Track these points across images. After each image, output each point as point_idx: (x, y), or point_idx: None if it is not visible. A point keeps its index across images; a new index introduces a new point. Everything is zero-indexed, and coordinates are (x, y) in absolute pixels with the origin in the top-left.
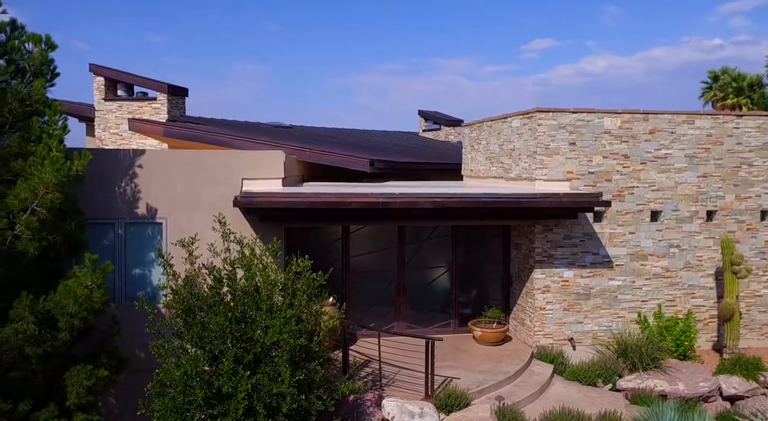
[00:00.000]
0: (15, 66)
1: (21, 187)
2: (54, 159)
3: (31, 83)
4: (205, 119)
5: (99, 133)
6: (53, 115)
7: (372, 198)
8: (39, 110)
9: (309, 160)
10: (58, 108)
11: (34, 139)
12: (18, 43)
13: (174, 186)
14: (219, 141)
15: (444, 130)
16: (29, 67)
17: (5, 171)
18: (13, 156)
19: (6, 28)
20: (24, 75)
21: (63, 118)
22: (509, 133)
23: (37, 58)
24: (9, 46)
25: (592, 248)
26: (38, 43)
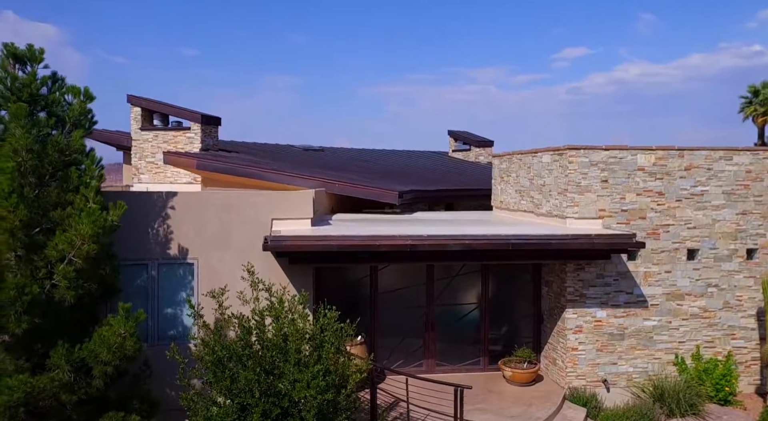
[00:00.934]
0: (55, 118)
1: (59, 238)
2: (91, 211)
3: (71, 134)
4: (237, 143)
5: (135, 162)
6: (91, 165)
7: (400, 240)
8: (77, 160)
9: (338, 192)
10: (96, 158)
11: (72, 188)
12: (58, 96)
13: (205, 227)
14: (250, 173)
15: (474, 151)
16: (69, 118)
17: (45, 220)
18: (53, 205)
19: (48, 81)
20: (63, 126)
21: (100, 167)
22: (539, 168)
23: (76, 110)
24: (50, 98)
25: (625, 287)
26: (77, 95)
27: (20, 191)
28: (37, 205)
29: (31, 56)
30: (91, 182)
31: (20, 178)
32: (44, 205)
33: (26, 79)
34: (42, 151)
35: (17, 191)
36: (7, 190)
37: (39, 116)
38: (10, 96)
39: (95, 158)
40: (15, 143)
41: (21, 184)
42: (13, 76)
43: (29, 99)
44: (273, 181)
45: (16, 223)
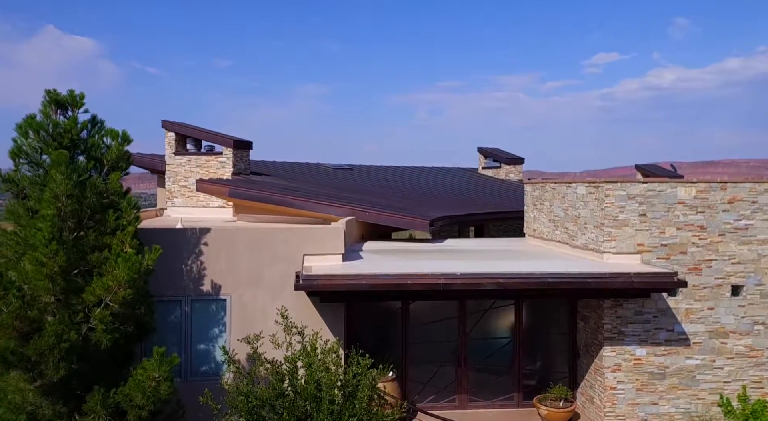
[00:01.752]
0: (94, 161)
1: (97, 283)
2: (127, 256)
3: (108, 176)
4: (268, 164)
5: (169, 186)
6: (127, 207)
7: (432, 279)
8: (114, 201)
9: (369, 221)
10: (132, 200)
11: (109, 231)
12: (97, 139)
13: (238, 263)
14: (281, 201)
15: (504, 169)
16: (107, 161)
17: (83, 263)
18: (90, 248)
19: (87, 125)
20: (101, 168)
21: (136, 209)
22: (574, 200)
23: (114, 153)
24: (90, 142)
25: (666, 325)
26: (115, 137)
27: (59, 236)
28: (75, 248)
29: (72, 101)
30: (128, 227)
31: (60, 223)
32: (82, 248)
33: (67, 124)
34: (81, 195)
35: (56, 237)
36: (48, 237)
37: (78, 160)
38: (51, 142)
39: (131, 200)
40: (56, 189)
41: (60, 229)
42: (54, 122)
43: (70, 144)
44: (304, 209)
45: (55, 269)
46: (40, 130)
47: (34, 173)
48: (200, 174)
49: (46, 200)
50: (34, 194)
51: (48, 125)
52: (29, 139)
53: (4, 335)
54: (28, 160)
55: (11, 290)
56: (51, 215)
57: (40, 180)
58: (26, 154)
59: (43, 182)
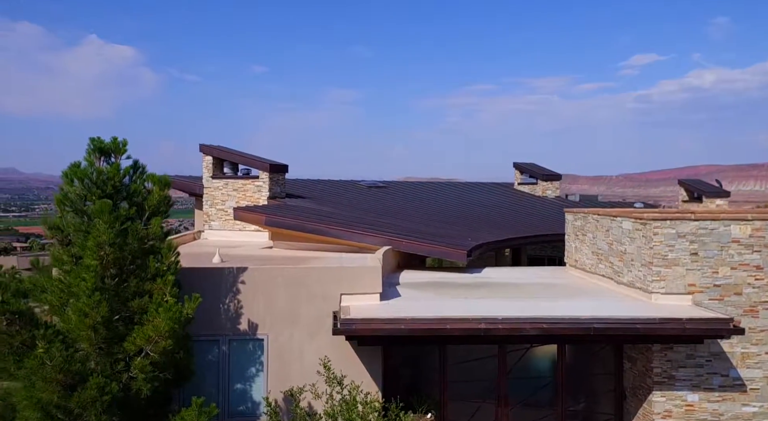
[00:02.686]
0: (135, 207)
1: (138, 333)
2: (167, 307)
3: (149, 221)
4: (303, 183)
5: (207, 209)
6: (167, 253)
7: (473, 324)
8: (155, 246)
9: (406, 251)
10: (172, 245)
11: (150, 277)
12: (138, 184)
13: (275, 302)
14: (317, 230)
15: (541, 185)
16: (148, 207)
17: (124, 309)
18: (132, 295)
19: (129, 171)
20: (142, 213)
21: (176, 254)
22: (619, 234)
23: (155, 198)
24: (132, 188)
25: (720, 369)
26: (156, 183)
27: (102, 284)
28: (116, 295)
29: (115, 148)
30: (168, 274)
31: (102, 271)
32: (124, 294)
33: (110, 171)
34: (123, 242)
35: (99, 286)
36: (91, 287)
37: (121, 206)
38: (95, 189)
39: (172, 245)
40: (99, 238)
41: (103, 277)
42: (98, 170)
43: (112, 191)
44: (339, 237)
45: (98, 319)
46: (84, 178)
47: (79, 220)
48: (237, 198)
49: (89, 248)
50: (79, 241)
51: (92, 173)
52: (74, 186)
53: (48, 388)
54: (73, 208)
55: (55, 343)
56: (95, 265)
57: (84, 227)
58: (71, 201)
59: (87, 229)
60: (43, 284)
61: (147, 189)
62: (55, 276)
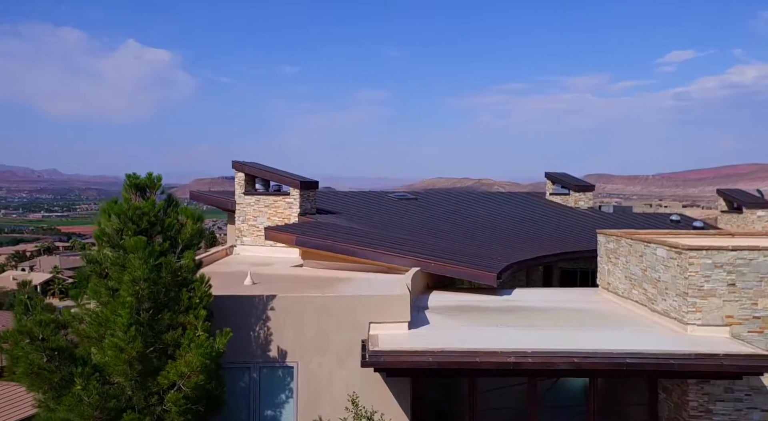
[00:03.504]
0: (169, 241)
1: (171, 368)
2: (199, 342)
3: (182, 253)
4: (332, 197)
5: (239, 224)
6: (200, 286)
7: (502, 357)
8: (188, 279)
9: (435, 272)
10: (204, 277)
11: (183, 310)
12: (172, 218)
13: (304, 330)
14: (346, 250)
15: (573, 196)
16: (181, 240)
17: (158, 342)
18: (165, 327)
19: (164, 206)
20: (176, 246)
21: (207, 286)
22: (653, 261)
23: (188, 232)
24: (166, 223)
25: (760, 404)
26: (189, 217)
27: (137, 317)
28: (151, 328)
29: (150, 184)
30: (200, 308)
31: (137, 304)
32: (158, 327)
33: (145, 206)
34: (157, 276)
35: (134, 320)
36: (127, 323)
37: (155, 241)
38: (131, 225)
39: (204, 278)
40: (134, 273)
41: (138, 310)
42: (134, 206)
43: (147, 226)
44: (369, 258)
45: (133, 354)
46: (121, 214)
47: (115, 254)
48: (268, 214)
49: (125, 283)
50: (115, 274)
51: (128, 209)
52: (111, 221)
53: None
54: (110, 242)
55: (92, 381)
56: (130, 301)
57: (121, 261)
58: (108, 236)
59: (123, 263)
60: (81, 316)
61: (180, 222)
62: (92, 308)
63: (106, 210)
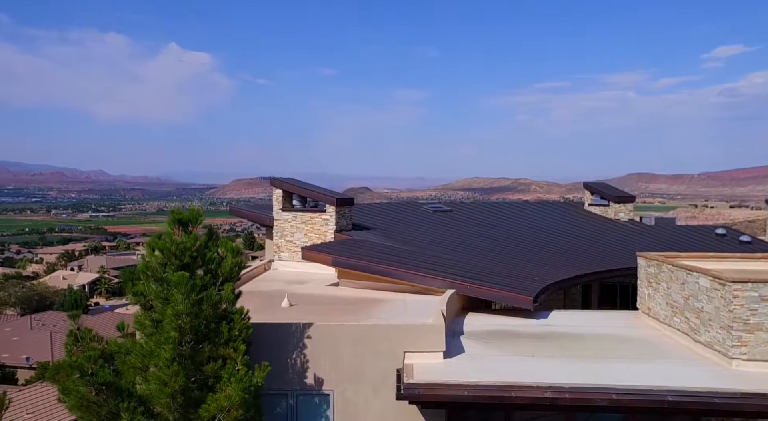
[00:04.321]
0: (210, 274)
1: (211, 401)
2: (239, 377)
3: (222, 286)
4: (367, 210)
5: (276, 240)
6: (239, 318)
7: (537, 392)
8: (228, 311)
9: (470, 294)
10: (243, 310)
11: (223, 342)
12: (212, 252)
13: (340, 358)
14: (382, 271)
15: (613, 207)
16: (221, 273)
17: (199, 373)
18: (206, 359)
19: (205, 239)
20: (216, 279)
21: (246, 318)
22: (695, 290)
23: (228, 266)
24: (207, 256)
25: None
26: (229, 250)
27: (179, 351)
28: (192, 361)
29: (192, 218)
30: (239, 343)
31: (179, 337)
32: (199, 359)
33: (188, 241)
34: (198, 310)
35: (176, 354)
36: (170, 358)
37: (197, 274)
38: (173, 260)
39: (243, 310)
40: (177, 308)
41: (180, 343)
42: (177, 242)
43: (189, 260)
44: (404, 279)
45: (176, 388)
46: (164, 249)
47: (159, 288)
48: (305, 230)
49: (168, 316)
50: (159, 307)
51: (171, 245)
52: (155, 255)
53: None
54: (154, 276)
55: (137, 415)
56: (173, 337)
57: (164, 294)
58: (152, 269)
59: (166, 297)
60: (127, 348)
61: (220, 255)
62: (137, 339)
63: (151, 245)
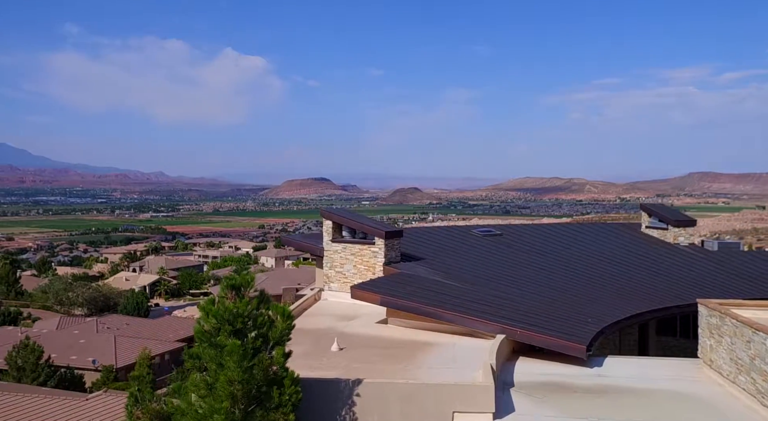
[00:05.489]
0: (261, 338)
1: None
2: None
3: (273, 350)
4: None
5: (326, 271)
6: (289, 384)
7: None
8: (278, 375)
9: (520, 340)
10: (293, 374)
11: (274, 407)
12: (264, 316)
13: (389, 417)
14: (431, 313)
15: (672, 231)
16: (272, 337)
17: None
18: None
19: (257, 303)
20: (267, 342)
21: (296, 382)
22: (762, 352)
23: (278, 330)
24: (258, 321)
25: None
26: (280, 313)
27: (231, 417)
28: None
29: (244, 283)
30: (289, 412)
31: (232, 403)
32: None
33: (240, 308)
34: (250, 376)
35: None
36: None
37: (248, 338)
38: (227, 326)
39: (293, 375)
40: (229, 374)
41: (232, 411)
42: (230, 309)
43: (242, 326)
44: (453, 322)
45: None
46: (218, 316)
47: (213, 352)
48: (354, 262)
49: (221, 383)
50: (213, 370)
51: (224, 312)
52: (209, 320)
53: None
54: (208, 341)
55: None
56: (224, 409)
57: (218, 359)
58: (207, 334)
59: (220, 361)
60: (182, 410)
61: (271, 318)
62: (192, 401)
63: (206, 310)
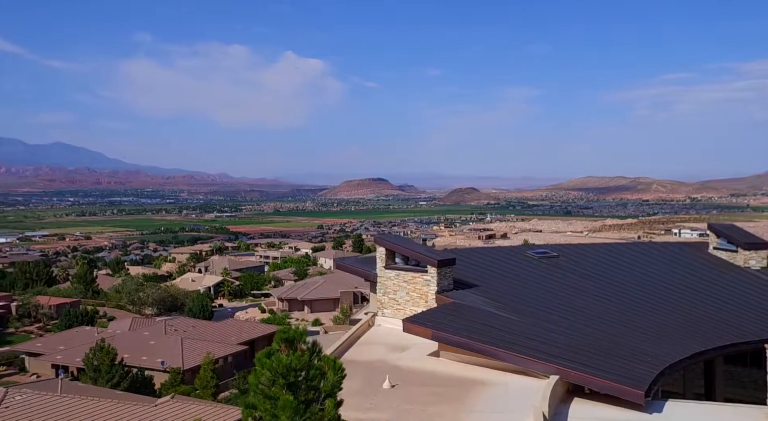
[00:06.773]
0: (313, 391)
1: None
2: None
3: (324, 403)
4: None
5: (380, 297)
6: None
7: None
8: None
9: (574, 382)
10: None
11: None
12: (315, 370)
13: None
14: (482, 350)
15: (742, 254)
16: (323, 390)
17: None
18: None
19: (309, 354)
20: (318, 394)
21: None
22: None
23: (329, 382)
24: (310, 374)
25: None
26: (331, 366)
27: None
28: None
29: (296, 337)
30: None
31: None
32: None
33: (293, 360)
34: None
35: None
36: None
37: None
38: (280, 379)
39: None
40: None
41: None
42: (283, 361)
43: (294, 379)
44: (505, 360)
45: None
46: (272, 370)
47: (268, 404)
48: (407, 289)
49: None
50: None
51: (278, 366)
52: (264, 372)
53: None
54: (263, 392)
55: None
56: None
57: (272, 411)
58: (262, 385)
59: (274, 412)
60: None
61: (323, 370)
62: None
63: (261, 362)
